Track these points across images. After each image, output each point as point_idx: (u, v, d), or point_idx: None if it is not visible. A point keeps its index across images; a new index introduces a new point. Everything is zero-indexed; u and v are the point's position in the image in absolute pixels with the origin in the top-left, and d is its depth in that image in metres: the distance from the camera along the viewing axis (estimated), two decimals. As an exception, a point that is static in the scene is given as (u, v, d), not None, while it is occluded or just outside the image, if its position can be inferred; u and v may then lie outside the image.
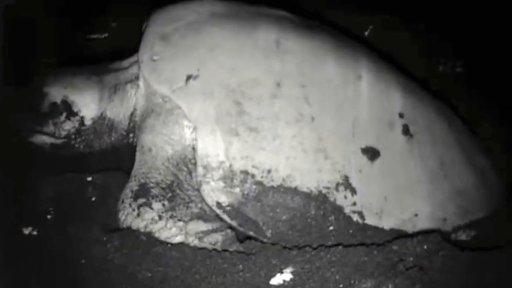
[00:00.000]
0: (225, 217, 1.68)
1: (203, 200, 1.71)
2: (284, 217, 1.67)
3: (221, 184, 1.67)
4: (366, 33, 3.01)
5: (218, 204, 1.67)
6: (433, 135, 1.93)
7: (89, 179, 1.89)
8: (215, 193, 1.67)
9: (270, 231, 1.68)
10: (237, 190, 1.67)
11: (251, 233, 1.69)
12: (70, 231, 1.64)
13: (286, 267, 1.54)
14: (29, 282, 1.51)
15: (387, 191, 1.76)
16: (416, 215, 1.78)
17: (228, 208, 1.67)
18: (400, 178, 1.80)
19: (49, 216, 1.76)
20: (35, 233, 1.66)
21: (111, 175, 1.92)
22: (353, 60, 1.88)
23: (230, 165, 1.66)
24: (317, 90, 1.77)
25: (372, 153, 1.76)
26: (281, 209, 1.67)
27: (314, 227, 1.68)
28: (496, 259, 1.65)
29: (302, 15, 2.06)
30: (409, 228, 1.77)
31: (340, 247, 1.61)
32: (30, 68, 2.48)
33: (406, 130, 1.85)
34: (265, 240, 1.69)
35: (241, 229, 1.69)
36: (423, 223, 1.79)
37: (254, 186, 1.67)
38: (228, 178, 1.66)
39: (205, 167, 1.67)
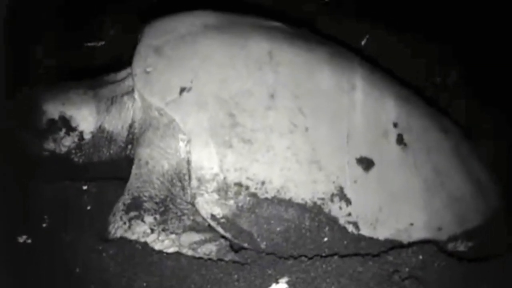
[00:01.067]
0: (219, 229, 1.68)
1: (195, 212, 1.71)
2: (278, 229, 1.67)
3: (215, 196, 1.66)
4: (363, 42, 3.02)
5: (213, 217, 1.67)
6: (428, 143, 1.93)
7: (85, 187, 1.89)
8: (209, 205, 1.67)
9: (264, 242, 1.67)
10: (231, 202, 1.66)
11: (245, 245, 1.69)
12: (65, 240, 1.64)
13: (281, 277, 1.54)
14: (23, 290, 1.50)
15: (382, 201, 1.76)
16: (411, 224, 1.78)
17: (222, 220, 1.67)
18: (395, 187, 1.79)
19: (44, 224, 1.75)
20: (29, 241, 1.65)
21: (107, 184, 1.91)
22: (347, 69, 1.88)
23: (224, 177, 1.66)
24: (311, 100, 1.77)
25: (366, 163, 1.76)
26: (275, 220, 1.67)
27: (308, 239, 1.67)
28: (493, 269, 1.65)
29: (296, 25, 2.06)
30: (404, 238, 1.76)
31: (336, 257, 1.60)
32: (30, 69, 2.49)
33: (400, 139, 1.85)
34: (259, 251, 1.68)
35: (236, 241, 1.68)
36: (418, 233, 1.78)
37: (248, 198, 1.66)
38: (222, 190, 1.66)
39: (199, 180, 1.67)
